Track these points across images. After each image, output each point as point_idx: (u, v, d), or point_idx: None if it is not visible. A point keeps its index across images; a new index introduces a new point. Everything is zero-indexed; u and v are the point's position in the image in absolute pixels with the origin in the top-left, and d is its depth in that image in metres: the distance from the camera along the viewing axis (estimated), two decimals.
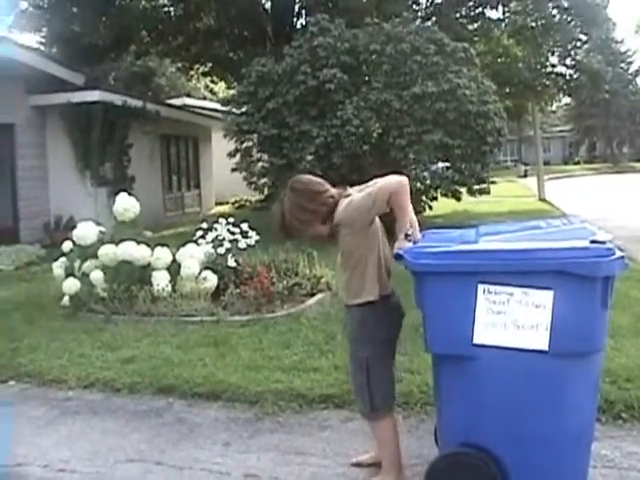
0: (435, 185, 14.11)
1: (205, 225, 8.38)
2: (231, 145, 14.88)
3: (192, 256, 7.69)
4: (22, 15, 20.09)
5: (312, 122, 13.09)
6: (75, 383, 5.30)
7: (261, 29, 19.16)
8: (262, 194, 15.33)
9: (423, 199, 14.74)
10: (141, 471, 3.80)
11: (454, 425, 3.17)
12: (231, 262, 7.82)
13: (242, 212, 19.56)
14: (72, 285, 7.64)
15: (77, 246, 7.94)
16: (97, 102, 15.16)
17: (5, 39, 14.79)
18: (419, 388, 4.49)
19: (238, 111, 14.72)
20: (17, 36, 20.51)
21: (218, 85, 28.80)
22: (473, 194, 14.42)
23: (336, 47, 13.27)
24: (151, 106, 17.52)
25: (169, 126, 18.97)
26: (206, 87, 31.56)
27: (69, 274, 7.85)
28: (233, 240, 8.07)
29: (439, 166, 14.74)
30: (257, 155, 14.84)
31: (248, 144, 14.65)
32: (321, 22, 13.79)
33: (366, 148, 13.05)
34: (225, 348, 5.86)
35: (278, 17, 19.27)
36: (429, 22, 18.25)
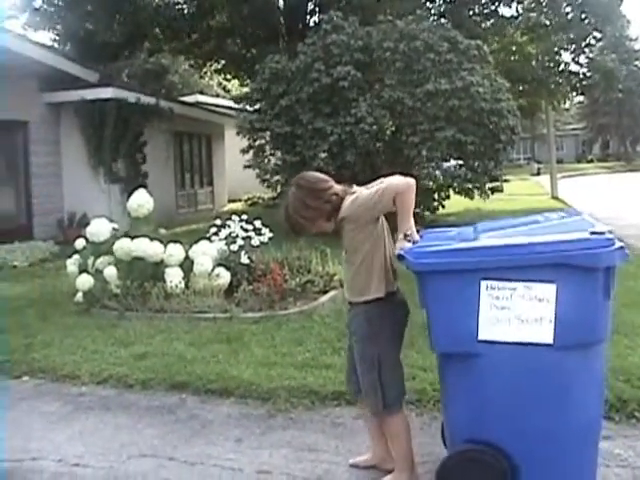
0: (447, 184, 14.10)
1: (218, 222, 8.40)
2: (244, 142, 14.90)
3: (205, 253, 7.70)
4: (36, 13, 20.16)
5: (325, 119, 13.10)
6: (88, 379, 5.32)
7: (274, 27, 19.15)
8: (275, 191, 15.27)
9: (435, 197, 14.74)
10: (154, 466, 3.81)
11: (461, 422, 3.17)
12: (244, 259, 7.84)
13: (255, 209, 19.61)
14: (85, 281, 7.68)
15: (90, 243, 7.98)
16: (111, 99, 15.19)
17: (20, 36, 14.86)
18: (432, 385, 4.47)
19: (251, 108, 14.77)
20: (31, 34, 20.52)
21: (231, 82, 28.77)
22: (486, 196, 14.35)
23: (349, 44, 13.27)
24: (164, 103, 17.56)
25: (182, 123, 18.98)
26: (219, 84, 31.49)
27: (82, 270, 7.90)
28: (246, 237, 8.09)
29: (451, 164, 14.70)
30: (270, 152, 14.86)
31: (261, 141, 14.67)
32: (334, 20, 13.81)
33: (379, 146, 13.04)
34: (238, 345, 5.87)
35: (291, 15, 19.30)
36: (442, 20, 18.23)
